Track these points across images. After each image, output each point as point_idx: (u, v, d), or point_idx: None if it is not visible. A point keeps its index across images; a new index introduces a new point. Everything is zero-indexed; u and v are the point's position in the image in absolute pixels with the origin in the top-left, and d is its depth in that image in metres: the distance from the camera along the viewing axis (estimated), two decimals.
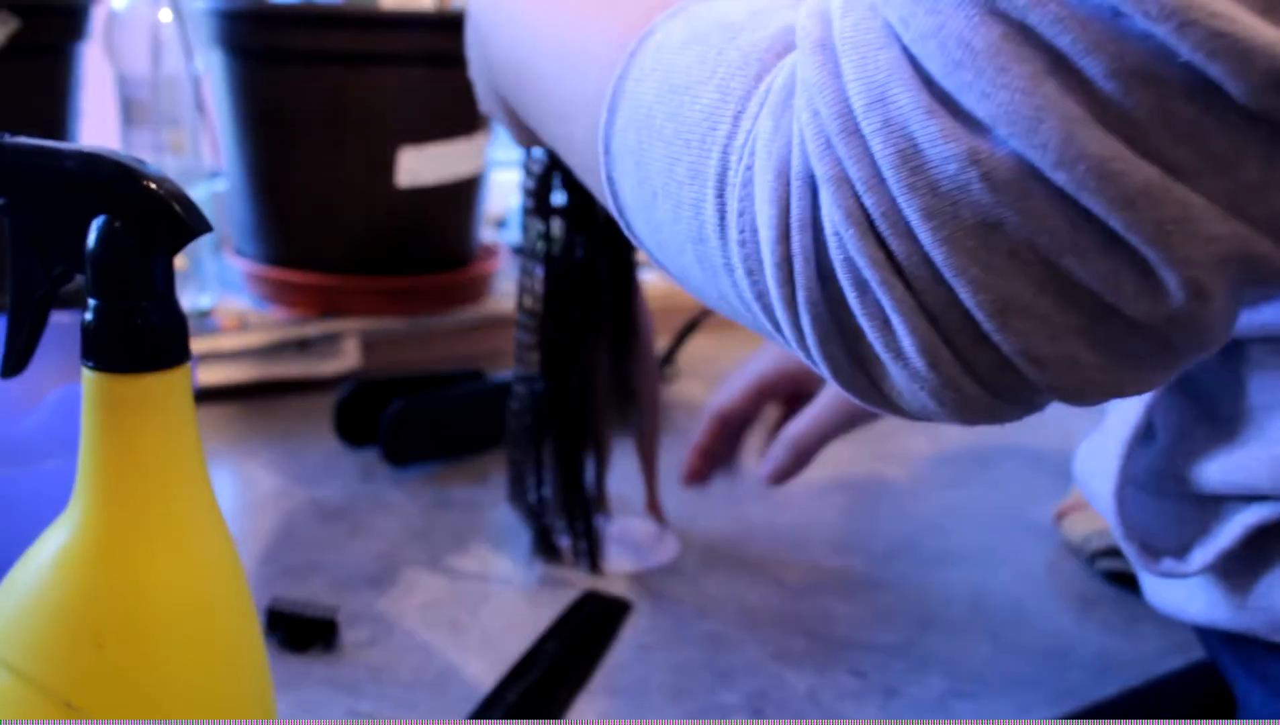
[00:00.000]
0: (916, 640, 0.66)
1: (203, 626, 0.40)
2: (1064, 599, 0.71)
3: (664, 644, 0.64)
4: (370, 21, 0.96)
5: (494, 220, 1.29)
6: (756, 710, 0.59)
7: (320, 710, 0.57)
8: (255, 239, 1.04)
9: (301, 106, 0.97)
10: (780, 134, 0.34)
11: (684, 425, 0.93)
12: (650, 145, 0.38)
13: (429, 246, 1.05)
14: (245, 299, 1.04)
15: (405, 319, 1.03)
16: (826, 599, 0.70)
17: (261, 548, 0.72)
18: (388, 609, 0.66)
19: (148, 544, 0.39)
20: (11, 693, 0.38)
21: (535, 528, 0.72)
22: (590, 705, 0.59)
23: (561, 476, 0.71)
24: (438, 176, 1.01)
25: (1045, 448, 0.95)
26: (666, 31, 0.40)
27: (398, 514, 0.78)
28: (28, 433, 0.61)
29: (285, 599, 0.64)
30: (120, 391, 0.38)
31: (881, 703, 0.60)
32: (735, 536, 0.77)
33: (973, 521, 0.81)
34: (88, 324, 0.37)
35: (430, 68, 0.98)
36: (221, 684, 0.40)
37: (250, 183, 1.02)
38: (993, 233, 0.31)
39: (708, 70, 0.37)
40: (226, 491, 0.81)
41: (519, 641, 0.63)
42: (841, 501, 0.84)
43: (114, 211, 0.37)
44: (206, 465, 0.40)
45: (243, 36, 0.97)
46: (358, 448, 0.87)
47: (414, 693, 0.59)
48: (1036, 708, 0.60)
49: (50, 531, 0.40)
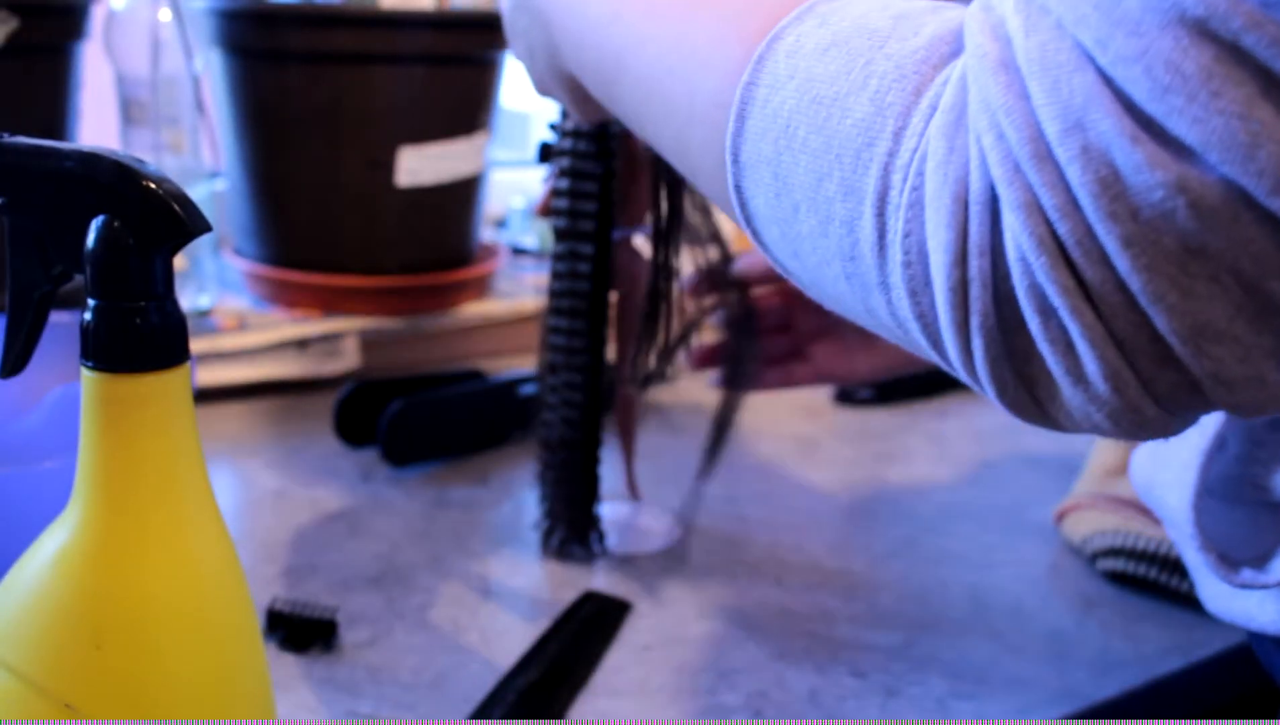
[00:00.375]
0: (917, 640, 0.66)
1: (202, 627, 0.40)
2: (1065, 599, 0.71)
3: (664, 644, 0.64)
4: (370, 21, 0.96)
5: (494, 220, 1.29)
6: (757, 711, 0.59)
7: (320, 711, 0.57)
8: (255, 239, 1.04)
9: (301, 106, 0.97)
10: (956, 155, 0.33)
11: (683, 425, 0.93)
12: (792, 157, 0.37)
13: (429, 246, 1.05)
14: (245, 299, 1.04)
15: (405, 319, 1.03)
16: (827, 599, 0.70)
17: (261, 548, 0.72)
18: (387, 609, 0.66)
19: (147, 544, 0.39)
20: (10, 693, 0.38)
21: (581, 520, 0.72)
22: (590, 705, 0.59)
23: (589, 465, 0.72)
24: (437, 176, 1.01)
25: (1045, 448, 0.95)
26: (799, 35, 0.38)
27: (397, 514, 0.78)
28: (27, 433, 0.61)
29: (284, 599, 0.64)
30: (119, 391, 0.38)
31: (882, 703, 0.60)
32: (735, 536, 0.77)
33: (973, 521, 0.81)
34: (87, 324, 0.37)
35: (430, 67, 0.98)
36: (220, 685, 0.40)
37: (250, 182, 1.02)
38: (1194, 258, 0.31)
39: (856, 81, 0.36)
40: (226, 492, 0.81)
41: (519, 641, 0.63)
42: (842, 501, 0.84)
43: (113, 211, 0.37)
44: (206, 465, 0.40)
45: (242, 36, 0.97)
46: (357, 448, 0.87)
47: (414, 693, 0.59)
48: (1038, 708, 0.60)
49: (49, 532, 0.40)
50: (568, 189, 0.69)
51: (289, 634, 0.62)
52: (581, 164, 0.68)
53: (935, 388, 1.06)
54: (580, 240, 0.69)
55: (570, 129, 0.68)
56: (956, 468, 0.91)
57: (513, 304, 1.08)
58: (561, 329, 0.70)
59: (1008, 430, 0.97)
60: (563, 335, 0.70)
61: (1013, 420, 0.38)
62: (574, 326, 0.70)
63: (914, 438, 0.96)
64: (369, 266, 1.02)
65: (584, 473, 0.71)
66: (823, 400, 1.04)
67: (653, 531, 0.76)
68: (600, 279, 0.69)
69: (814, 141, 0.37)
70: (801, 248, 0.38)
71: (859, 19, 0.38)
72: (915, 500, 0.84)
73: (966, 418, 1.00)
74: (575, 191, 0.68)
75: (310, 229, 1.01)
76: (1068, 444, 0.96)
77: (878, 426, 0.99)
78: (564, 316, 0.70)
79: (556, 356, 0.71)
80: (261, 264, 1.03)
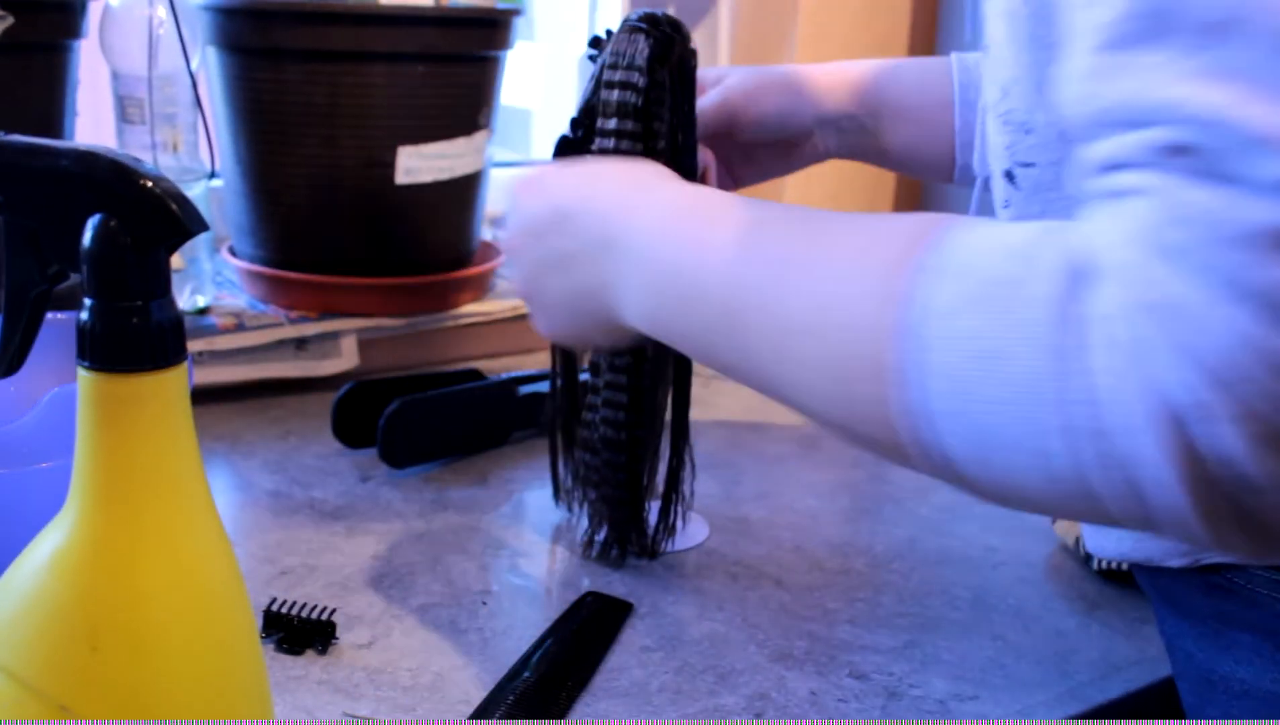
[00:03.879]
0: (918, 642, 0.66)
1: (199, 629, 0.39)
2: (1066, 600, 0.71)
3: (664, 645, 0.64)
4: (368, 18, 0.96)
5: (494, 220, 1.29)
6: (757, 712, 0.59)
7: (318, 713, 0.57)
8: (252, 238, 1.03)
9: (299, 104, 0.97)
10: (1150, 385, 0.35)
11: None
12: (976, 408, 0.39)
13: (427, 246, 1.05)
14: (242, 298, 1.04)
15: (403, 319, 1.03)
16: (828, 600, 0.70)
17: (258, 549, 0.72)
18: (386, 610, 0.66)
19: (143, 545, 0.38)
20: (5, 695, 0.38)
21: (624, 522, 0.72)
22: (590, 706, 0.59)
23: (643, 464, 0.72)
24: (436, 175, 1.01)
25: None
26: (928, 296, 0.40)
27: (396, 515, 0.78)
28: (23, 433, 0.61)
29: (283, 600, 0.63)
30: (116, 391, 0.37)
31: (883, 705, 0.60)
32: (735, 537, 0.77)
33: (974, 522, 0.81)
34: (83, 323, 0.37)
35: (429, 65, 0.98)
36: (218, 687, 0.40)
37: (247, 181, 1.01)
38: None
39: (1008, 328, 0.38)
40: (223, 492, 0.80)
41: (519, 641, 0.63)
42: (843, 502, 0.84)
43: (110, 210, 0.37)
44: (203, 466, 0.40)
45: (239, 33, 0.97)
46: (355, 448, 0.86)
47: (413, 695, 0.58)
48: (1040, 710, 0.60)
49: (45, 533, 0.39)
50: None
51: (287, 635, 0.62)
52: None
53: None
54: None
55: (612, 129, 0.66)
56: None
57: (512, 304, 1.08)
58: None
59: None
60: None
61: None
62: None
63: None
64: (367, 266, 1.02)
65: (628, 475, 0.71)
66: None
67: (681, 531, 0.76)
68: None
69: (988, 390, 0.39)
70: (1010, 484, 0.40)
71: (982, 266, 0.39)
72: (916, 501, 0.84)
73: None
74: None
75: (308, 228, 1.01)
76: None
77: None
78: None
79: (598, 358, 0.70)
80: (259, 263, 1.03)
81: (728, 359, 0.50)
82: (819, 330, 0.45)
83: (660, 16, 0.68)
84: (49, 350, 0.51)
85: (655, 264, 0.52)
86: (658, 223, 0.53)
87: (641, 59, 0.66)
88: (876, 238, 0.44)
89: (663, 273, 0.52)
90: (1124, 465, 0.36)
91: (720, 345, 0.50)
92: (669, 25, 0.67)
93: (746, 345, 0.48)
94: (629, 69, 0.66)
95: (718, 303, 0.49)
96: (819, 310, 0.45)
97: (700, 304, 0.50)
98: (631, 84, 0.66)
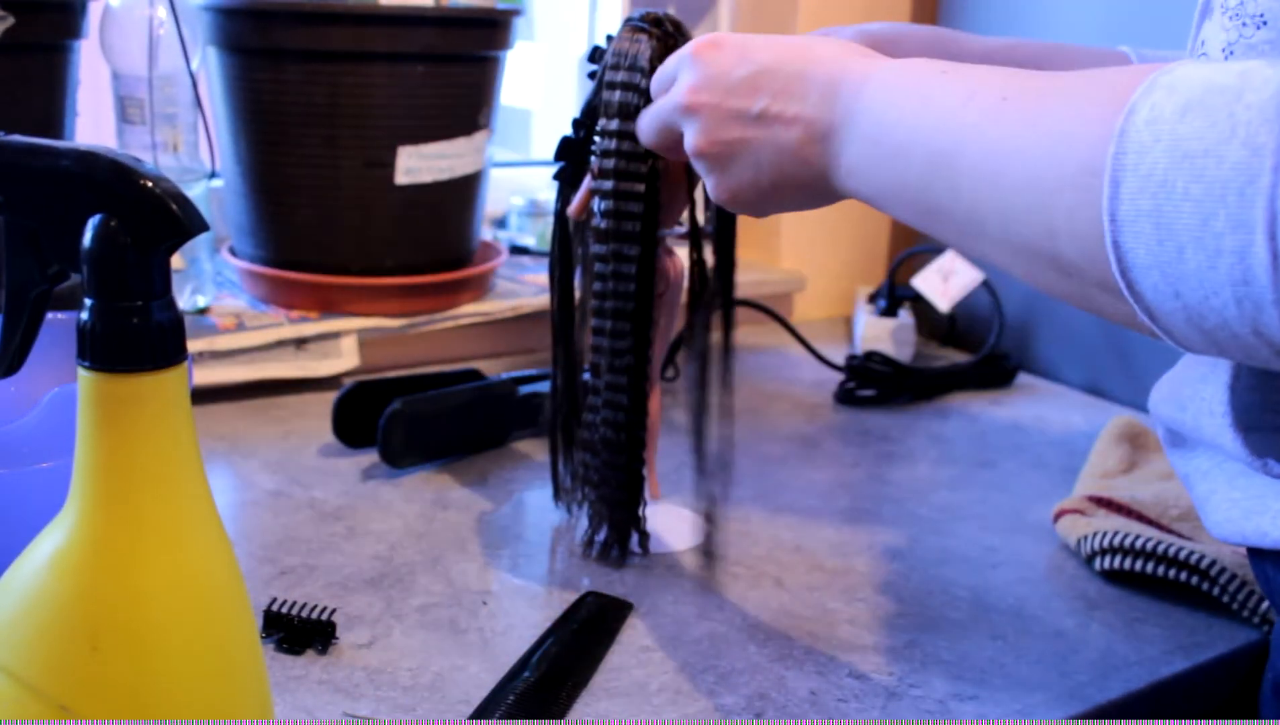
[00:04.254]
0: (918, 642, 0.66)
1: (199, 629, 0.39)
2: (1066, 600, 0.71)
3: (664, 645, 0.64)
4: (369, 18, 0.96)
5: (493, 219, 1.29)
6: (757, 712, 0.59)
7: (318, 713, 0.57)
8: (252, 238, 1.03)
9: (299, 104, 0.97)
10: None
11: (682, 425, 0.93)
12: (1174, 206, 0.41)
13: (427, 246, 1.05)
14: (242, 298, 1.04)
15: (403, 319, 1.03)
16: (827, 600, 0.70)
17: (259, 549, 0.72)
18: (386, 610, 0.66)
19: (144, 545, 0.38)
20: (6, 695, 0.38)
21: (624, 522, 0.72)
22: (590, 706, 0.59)
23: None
24: (436, 175, 1.01)
25: (1045, 448, 0.95)
26: (1152, 105, 0.42)
27: (396, 515, 0.78)
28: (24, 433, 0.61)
29: (283, 600, 0.63)
30: (116, 391, 0.37)
31: (883, 705, 0.60)
32: (735, 537, 0.77)
33: (974, 522, 0.81)
34: (84, 323, 0.37)
35: (429, 65, 0.98)
36: (218, 686, 0.40)
37: (247, 181, 1.01)
38: None
39: (1223, 131, 0.40)
40: (223, 492, 0.80)
41: (519, 641, 0.63)
42: (843, 502, 0.84)
43: (110, 210, 0.37)
44: (203, 466, 0.40)
45: (240, 33, 0.97)
46: (356, 448, 0.86)
47: (413, 695, 0.58)
48: (1040, 710, 0.60)
49: (46, 533, 0.39)
50: (612, 190, 0.67)
51: (287, 635, 0.62)
52: (628, 164, 0.67)
53: (936, 389, 1.06)
54: (625, 241, 0.68)
55: (614, 129, 0.66)
56: (957, 468, 0.90)
57: (512, 304, 1.08)
58: (605, 331, 0.69)
59: (1009, 431, 0.96)
60: (606, 337, 0.69)
61: (1013, 421, 0.38)
62: (619, 328, 0.69)
63: (915, 438, 0.96)
64: (367, 266, 1.02)
65: (628, 475, 0.71)
66: (824, 400, 1.04)
67: (680, 530, 0.76)
68: (645, 280, 0.68)
69: (1195, 190, 0.41)
70: (1185, 286, 0.42)
71: (1206, 81, 0.41)
72: (916, 501, 0.84)
73: (968, 418, 1.00)
74: (621, 192, 0.67)
75: (308, 228, 1.01)
76: (1068, 446, 0.95)
77: (878, 426, 0.99)
78: (608, 318, 0.69)
79: (599, 358, 0.70)
80: (259, 263, 1.03)
81: (937, 201, 0.51)
82: (1034, 150, 0.46)
83: (662, 16, 0.68)
84: (49, 350, 0.51)
85: (884, 117, 0.53)
86: (888, 81, 0.54)
87: (643, 59, 0.66)
88: (1105, 74, 0.46)
89: (888, 125, 0.53)
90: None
91: (936, 187, 0.50)
92: (670, 25, 0.67)
93: (957, 185, 0.49)
94: (631, 69, 0.66)
95: (940, 143, 0.50)
96: (1038, 133, 0.46)
97: (918, 148, 0.51)
98: (633, 85, 0.66)
